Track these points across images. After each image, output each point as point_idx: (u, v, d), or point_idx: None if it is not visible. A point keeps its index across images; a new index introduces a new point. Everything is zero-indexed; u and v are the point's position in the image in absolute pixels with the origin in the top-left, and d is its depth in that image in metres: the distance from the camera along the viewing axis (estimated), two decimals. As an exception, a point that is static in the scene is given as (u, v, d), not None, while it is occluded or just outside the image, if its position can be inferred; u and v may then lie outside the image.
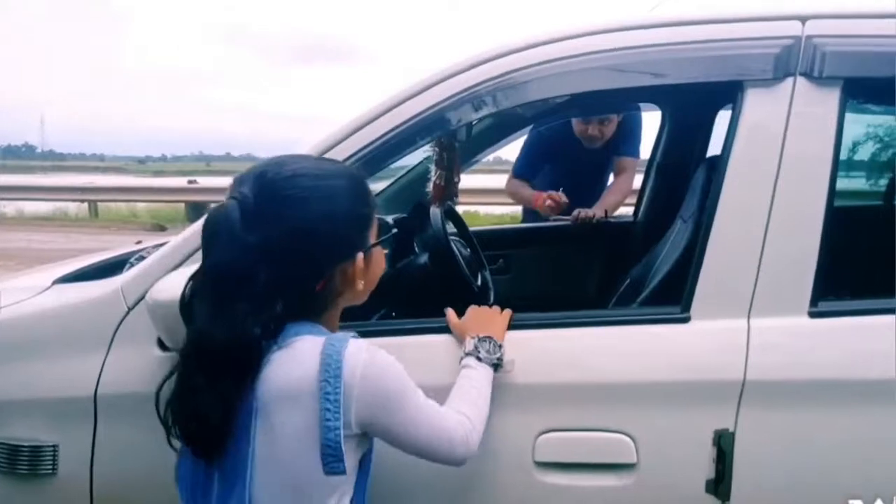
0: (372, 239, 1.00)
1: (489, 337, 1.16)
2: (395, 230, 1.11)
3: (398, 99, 1.26)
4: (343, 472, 0.90)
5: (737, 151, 1.19)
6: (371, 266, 1.00)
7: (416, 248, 2.42)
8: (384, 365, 0.95)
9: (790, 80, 1.18)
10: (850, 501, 1.10)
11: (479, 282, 2.29)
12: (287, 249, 0.90)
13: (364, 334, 1.21)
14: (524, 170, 2.97)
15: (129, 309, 1.27)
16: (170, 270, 1.23)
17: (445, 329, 1.25)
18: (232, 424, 0.90)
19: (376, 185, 2.68)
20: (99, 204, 12.45)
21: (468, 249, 2.27)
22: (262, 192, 0.91)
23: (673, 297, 1.77)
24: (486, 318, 1.22)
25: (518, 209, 3.38)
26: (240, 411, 0.90)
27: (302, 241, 0.91)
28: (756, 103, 1.19)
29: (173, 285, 1.14)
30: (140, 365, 1.25)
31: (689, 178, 2.35)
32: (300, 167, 0.94)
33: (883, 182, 2.33)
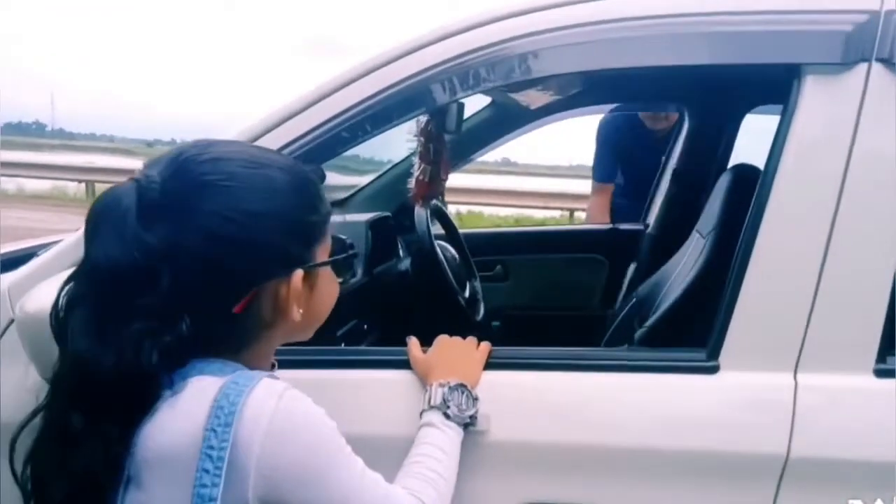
0: (321, 256, 0.76)
1: (462, 385, 0.90)
2: (353, 252, 0.88)
3: (355, 73, 0.99)
4: None
5: (789, 157, 0.92)
6: (316, 292, 0.76)
7: (400, 252, 2.18)
8: (305, 418, 0.68)
9: (863, 66, 0.91)
10: (851, 501, 0.88)
11: (468, 293, 2.05)
12: (198, 253, 0.67)
13: (297, 364, 0.96)
14: (607, 172, 2.71)
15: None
16: (66, 270, 0.97)
17: (407, 363, 0.99)
18: (116, 485, 0.66)
19: (361, 180, 2.43)
20: (98, 184, 12.27)
21: (457, 256, 2.03)
22: (174, 177, 0.68)
23: (684, 328, 1.53)
24: (457, 356, 0.96)
25: (523, 212, 3.16)
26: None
27: (219, 244, 0.68)
28: (818, 96, 0.92)
29: (52, 292, 0.90)
30: (25, 390, 1.00)
31: (708, 186, 2.10)
32: (230, 150, 0.72)
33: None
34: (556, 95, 1.87)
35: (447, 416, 0.87)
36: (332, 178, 1.84)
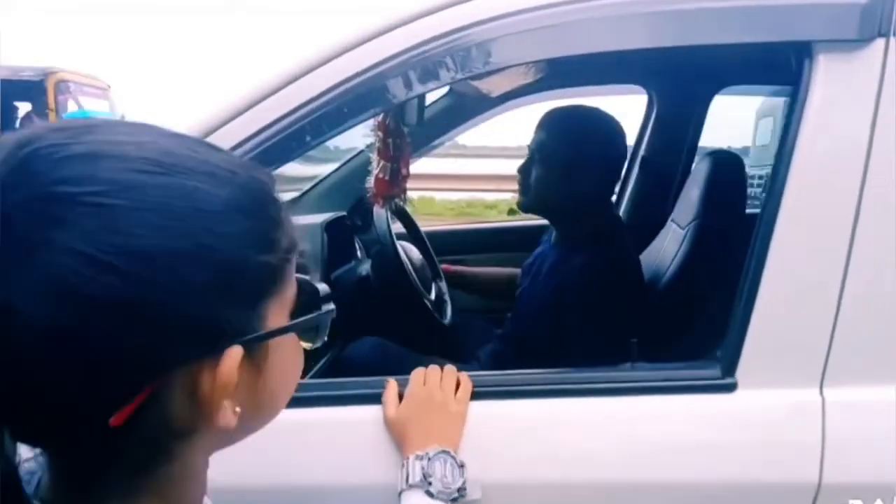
0: (276, 317, 0.43)
1: (445, 451, 0.76)
2: (331, 307, 0.49)
3: (300, 70, 0.85)
4: None
5: (804, 147, 0.82)
6: (267, 372, 0.43)
7: (358, 254, 2.04)
8: None
9: (880, 42, 0.82)
10: (851, 501, 0.81)
11: (433, 295, 1.92)
12: (40, 325, 0.34)
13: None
14: None
15: None
16: None
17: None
18: None
19: (318, 169, 2.27)
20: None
21: (420, 256, 1.90)
22: (10, 185, 0.35)
23: (672, 329, 1.44)
24: (433, 411, 0.81)
25: (475, 196, 3.03)
26: None
27: (80, 308, 0.35)
28: (832, 76, 0.83)
29: None
30: None
31: (679, 173, 2.03)
32: (118, 141, 0.38)
33: None
34: (520, 81, 1.75)
35: (430, 495, 0.74)
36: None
